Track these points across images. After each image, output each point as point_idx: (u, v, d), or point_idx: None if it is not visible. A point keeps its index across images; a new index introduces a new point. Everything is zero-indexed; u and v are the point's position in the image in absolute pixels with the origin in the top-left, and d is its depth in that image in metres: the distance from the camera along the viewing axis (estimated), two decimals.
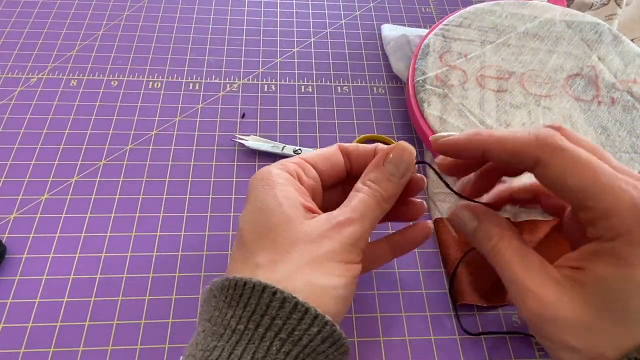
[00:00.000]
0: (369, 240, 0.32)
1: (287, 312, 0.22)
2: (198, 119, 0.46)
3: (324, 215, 0.26)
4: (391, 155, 0.27)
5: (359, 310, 0.36)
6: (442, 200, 0.41)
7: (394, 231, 0.33)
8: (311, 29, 0.55)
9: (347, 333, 0.34)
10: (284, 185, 0.26)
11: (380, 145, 0.29)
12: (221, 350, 0.22)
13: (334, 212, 0.26)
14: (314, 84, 0.50)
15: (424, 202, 0.32)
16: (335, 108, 0.48)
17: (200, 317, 0.25)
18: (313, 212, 0.27)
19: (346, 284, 0.25)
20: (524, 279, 0.24)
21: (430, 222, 0.32)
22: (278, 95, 0.49)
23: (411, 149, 0.28)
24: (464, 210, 0.28)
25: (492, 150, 0.25)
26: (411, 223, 0.32)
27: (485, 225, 0.27)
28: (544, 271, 0.24)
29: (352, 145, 0.30)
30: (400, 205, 0.31)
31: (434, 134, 0.42)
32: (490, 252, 0.26)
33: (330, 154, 0.30)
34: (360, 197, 0.26)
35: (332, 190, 0.31)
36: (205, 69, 0.50)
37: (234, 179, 0.42)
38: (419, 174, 0.30)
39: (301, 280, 0.23)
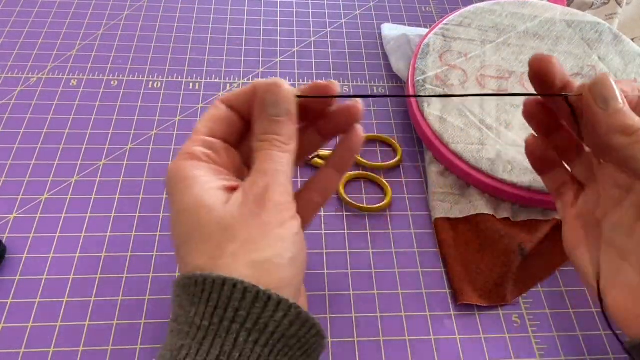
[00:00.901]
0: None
1: (250, 302, 0.22)
2: (198, 119, 0.46)
3: (240, 193, 0.25)
4: (264, 99, 0.26)
5: (359, 310, 0.36)
6: (442, 200, 0.41)
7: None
8: (311, 29, 0.55)
9: (347, 333, 0.35)
10: (199, 177, 0.25)
11: (257, 81, 0.27)
12: (189, 348, 0.22)
13: (248, 183, 0.25)
14: None
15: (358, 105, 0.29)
16: None
17: (170, 318, 0.25)
18: (236, 188, 0.25)
19: (287, 247, 0.24)
20: None
21: (358, 103, 0.29)
22: None
23: (278, 82, 0.26)
24: (613, 84, 0.24)
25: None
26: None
27: (629, 112, 0.24)
28: None
29: (232, 95, 0.28)
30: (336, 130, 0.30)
31: (434, 133, 0.42)
32: (627, 139, 0.24)
33: (217, 115, 0.28)
34: (262, 155, 0.25)
35: (249, 139, 0.29)
36: (205, 68, 0.50)
37: None
38: (351, 102, 0.28)
39: (245, 264, 0.23)
